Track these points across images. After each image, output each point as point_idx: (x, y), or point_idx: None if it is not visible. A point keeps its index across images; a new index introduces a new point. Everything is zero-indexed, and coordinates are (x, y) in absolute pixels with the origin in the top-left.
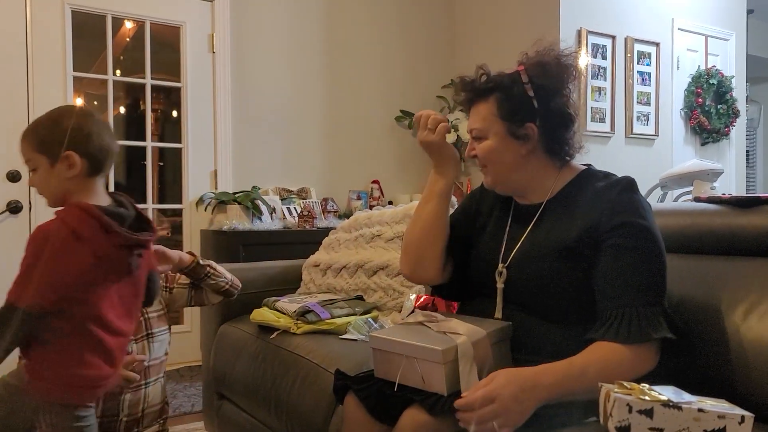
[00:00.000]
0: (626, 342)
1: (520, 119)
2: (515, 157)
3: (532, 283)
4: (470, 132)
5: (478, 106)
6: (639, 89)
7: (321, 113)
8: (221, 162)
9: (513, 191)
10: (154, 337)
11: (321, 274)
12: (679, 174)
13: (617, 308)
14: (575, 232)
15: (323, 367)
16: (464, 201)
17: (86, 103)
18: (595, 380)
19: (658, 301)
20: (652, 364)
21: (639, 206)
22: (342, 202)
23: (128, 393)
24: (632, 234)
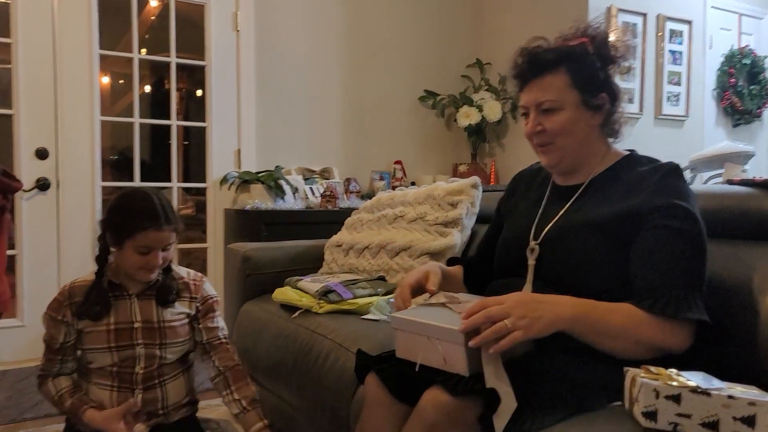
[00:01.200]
0: (659, 313)
1: (594, 89)
2: (587, 128)
3: (564, 259)
4: (538, 105)
5: (546, 78)
6: (670, 69)
7: (345, 93)
8: (245, 141)
9: (570, 168)
10: (167, 347)
11: (343, 254)
12: (709, 156)
13: (654, 288)
14: (614, 211)
15: (345, 347)
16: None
17: (112, 82)
18: (618, 327)
19: (698, 285)
20: (680, 343)
21: (683, 191)
22: (365, 182)
23: (140, 393)
24: (676, 216)
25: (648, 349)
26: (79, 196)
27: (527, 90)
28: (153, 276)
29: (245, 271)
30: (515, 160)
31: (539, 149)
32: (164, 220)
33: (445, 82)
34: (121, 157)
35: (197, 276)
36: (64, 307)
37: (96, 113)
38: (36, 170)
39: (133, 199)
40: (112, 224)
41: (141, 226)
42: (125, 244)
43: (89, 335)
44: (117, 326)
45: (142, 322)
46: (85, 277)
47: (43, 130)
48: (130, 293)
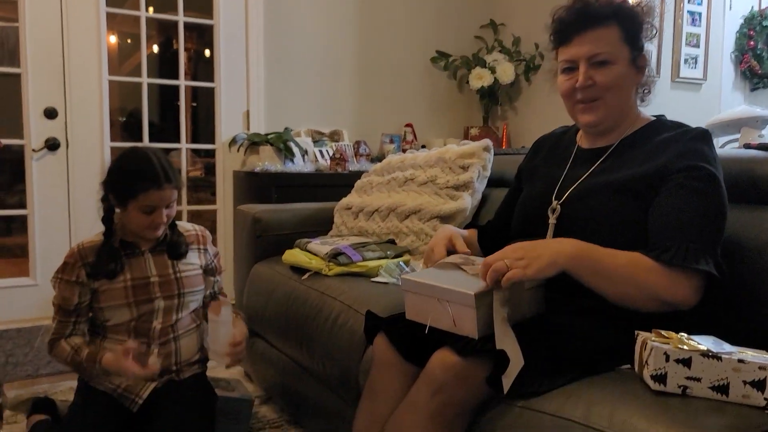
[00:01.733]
0: (668, 262)
1: (640, 47)
2: (632, 87)
3: (585, 219)
4: (590, 58)
5: (600, 30)
6: (688, 30)
7: (355, 54)
8: (254, 102)
9: (608, 128)
10: (185, 296)
11: (353, 217)
12: (726, 120)
13: (665, 240)
14: (639, 172)
15: (354, 309)
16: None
17: (120, 41)
18: (620, 270)
19: (710, 243)
20: (686, 296)
21: (709, 155)
22: (374, 145)
23: (156, 348)
24: (699, 177)
25: (652, 299)
26: (88, 156)
27: (576, 42)
28: (159, 233)
29: (255, 233)
30: (528, 124)
31: (581, 106)
32: (164, 178)
33: (457, 43)
34: (130, 118)
35: (201, 228)
36: (77, 268)
37: (104, 72)
38: (45, 130)
39: (133, 160)
40: (114, 186)
41: (142, 187)
42: (129, 206)
43: (106, 293)
44: (134, 282)
45: (158, 276)
46: (93, 239)
47: (52, 90)
48: (143, 250)
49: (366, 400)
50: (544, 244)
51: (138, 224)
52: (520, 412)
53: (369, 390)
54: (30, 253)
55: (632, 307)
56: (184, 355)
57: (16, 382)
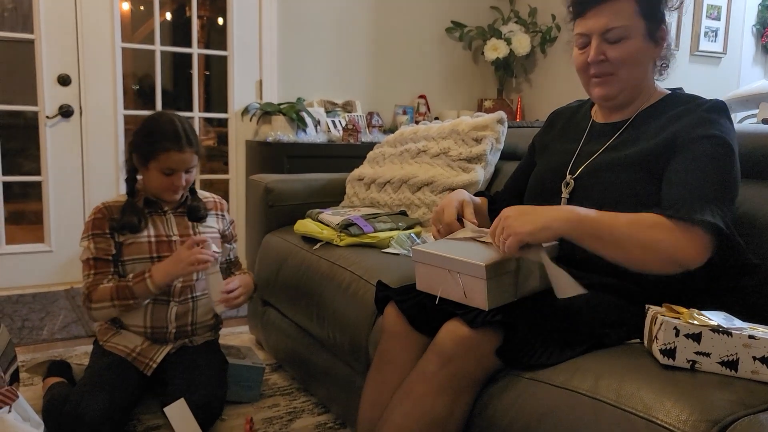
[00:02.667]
0: (671, 215)
1: (658, 20)
2: (648, 61)
3: (599, 193)
4: (603, 33)
5: (615, 4)
6: (709, 2)
7: (369, 24)
8: (266, 72)
9: (624, 102)
10: None
11: (365, 188)
12: (745, 95)
13: (675, 200)
14: (651, 145)
15: (365, 279)
16: (526, 153)
17: (132, 8)
18: (624, 229)
19: (719, 203)
20: (693, 252)
21: (723, 126)
22: (387, 116)
23: (174, 306)
24: (711, 144)
25: (659, 258)
26: (101, 123)
27: (591, 15)
28: (177, 197)
29: (268, 202)
30: (542, 97)
31: (595, 80)
32: (186, 142)
33: (473, 13)
34: (142, 85)
35: (219, 197)
36: (105, 222)
37: (117, 39)
38: (59, 97)
39: (158, 122)
40: (138, 146)
41: (163, 147)
42: (150, 165)
43: (131, 246)
44: (157, 238)
45: (179, 235)
46: (117, 198)
47: (65, 57)
48: (165, 209)
49: (375, 369)
50: (541, 209)
51: (158, 185)
52: (528, 384)
53: (379, 360)
54: (44, 219)
55: (642, 269)
56: (200, 317)
57: (32, 345)
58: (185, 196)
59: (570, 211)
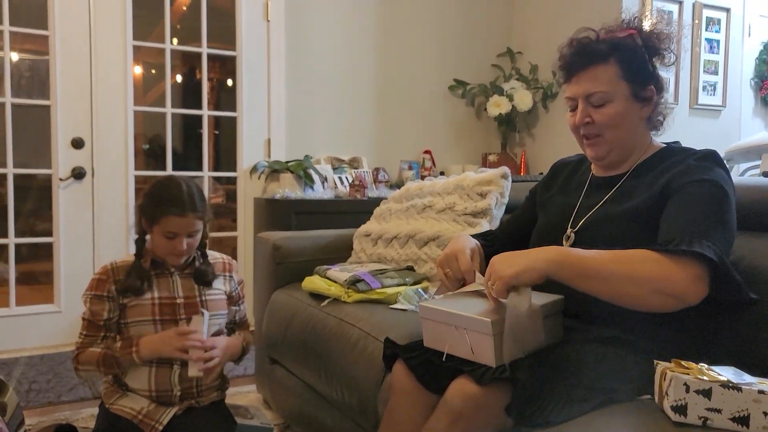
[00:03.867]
0: (660, 249)
1: (643, 80)
2: (636, 120)
3: (599, 245)
4: (587, 97)
5: (596, 69)
6: (706, 57)
7: (374, 82)
8: (275, 130)
9: (616, 160)
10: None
11: (372, 243)
12: (747, 147)
13: (667, 236)
14: (646, 197)
15: (373, 336)
16: (526, 199)
17: (144, 72)
18: (610, 266)
19: (712, 236)
20: (685, 283)
21: (716, 173)
22: (393, 171)
23: (178, 369)
24: (703, 187)
25: (651, 290)
26: (113, 184)
27: (575, 81)
28: (180, 261)
29: (275, 260)
30: (546, 150)
31: (586, 141)
32: (189, 207)
33: (475, 71)
34: (152, 144)
35: (229, 257)
36: (108, 284)
37: (129, 103)
38: (72, 159)
39: (164, 186)
40: (144, 209)
41: (165, 211)
42: (154, 228)
43: (134, 308)
44: (161, 300)
45: (184, 297)
46: (125, 258)
47: (79, 120)
48: (172, 271)
49: (385, 428)
50: (527, 251)
51: (160, 248)
52: None
53: (388, 418)
54: (55, 280)
55: (635, 306)
56: (205, 379)
57: (39, 408)
58: (193, 257)
59: (555, 251)
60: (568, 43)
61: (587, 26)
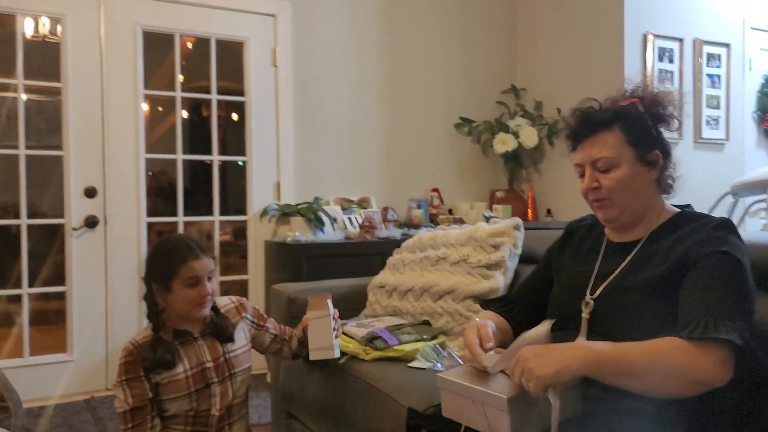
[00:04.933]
0: (686, 337)
1: (648, 145)
2: (644, 183)
3: (620, 315)
4: (593, 163)
5: (600, 136)
6: (708, 92)
7: (381, 122)
8: (284, 173)
9: (628, 223)
10: (236, 376)
11: (386, 295)
12: (751, 181)
13: (690, 319)
14: (664, 268)
15: (394, 398)
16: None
17: (150, 107)
18: (642, 361)
19: (734, 318)
20: (714, 369)
21: (731, 241)
22: (402, 210)
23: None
24: (720, 260)
25: (682, 382)
26: (125, 231)
27: (581, 148)
28: (207, 309)
29: (291, 313)
30: (553, 186)
31: (596, 204)
32: (200, 248)
33: (480, 108)
34: (160, 181)
35: (236, 298)
36: (138, 364)
37: (141, 151)
38: (85, 208)
39: (167, 242)
40: (155, 272)
41: (182, 259)
42: (173, 284)
43: (168, 386)
44: (193, 371)
45: (212, 360)
46: (143, 334)
47: (92, 170)
48: (195, 336)
49: None
50: (557, 348)
51: (185, 302)
52: None
53: None
54: (68, 328)
55: (667, 395)
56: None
57: None
58: (210, 317)
59: (586, 350)
60: (572, 113)
61: (591, 96)
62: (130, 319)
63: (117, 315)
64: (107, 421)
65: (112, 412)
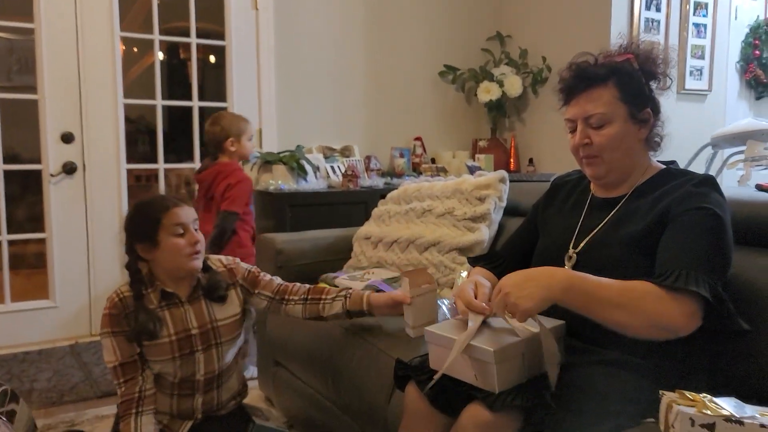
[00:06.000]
0: (660, 284)
1: (641, 103)
2: (634, 142)
3: (601, 268)
4: (586, 119)
5: (595, 91)
6: (693, 42)
7: (364, 69)
8: (266, 121)
9: (615, 180)
10: (222, 345)
11: (372, 246)
12: (732, 133)
13: (665, 268)
14: (645, 224)
15: (382, 350)
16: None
17: (125, 48)
18: (616, 295)
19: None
20: (681, 319)
21: (712, 197)
22: (385, 159)
23: (200, 397)
24: (701, 215)
25: (648, 324)
26: (105, 178)
27: (574, 103)
28: (198, 262)
29: (277, 263)
30: (536, 135)
31: (585, 161)
32: (178, 199)
33: (465, 56)
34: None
35: (230, 260)
36: (122, 319)
37: (119, 96)
38: (62, 154)
39: (142, 200)
40: (137, 231)
41: (164, 207)
42: (160, 236)
43: (151, 349)
44: (178, 336)
45: (198, 327)
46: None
47: (68, 115)
48: (183, 300)
49: None
50: (536, 275)
51: (176, 253)
52: None
53: None
54: (49, 275)
55: (633, 334)
56: (225, 396)
57: (43, 409)
58: (197, 279)
59: (564, 275)
60: (567, 67)
61: (586, 51)
62: (113, 266)
63: (99, 262)
64: (92, 366)
65: (97, 357)
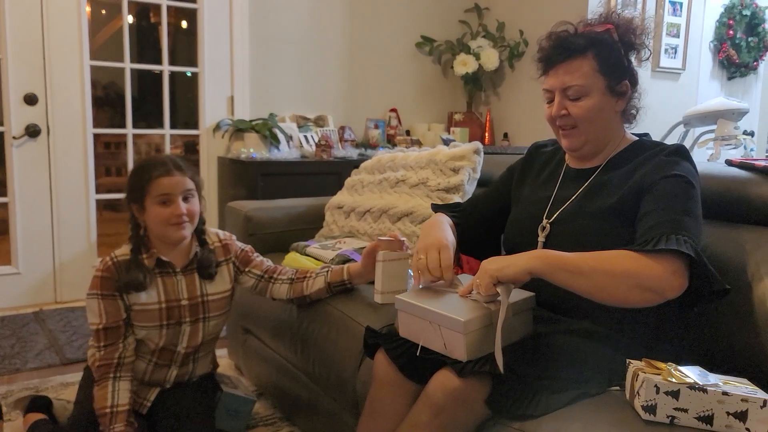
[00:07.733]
0: (638, 250)
1: (619, 75)
2: (610, 114)
3: (574, 239)
4: (564, 90)
5: (574, 62)
6: (669, 20)
7: (340, 38)
8: (238, 87)
9: (590, 152)
10: (209, 320)
11: (344, 216)
12: (703, 112)
13: (643, 236)
14: (619, 196)
15: (352, 317)
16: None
17: (92, 10)
18: (597, 262)
19: (685, 233)
20: (661, 277)
21: (684, 167)
22: (359, 130)
23: (175, 369)
24: (672, 183)
25: (631, 285)
26: (70, 142)
27: (553, 74)
28: (185, 231)
29: (247, 231)
30: (511, 109)
31: (561, 132)
32: (173, 166)
33: (442, 27)
34: (108, 93)
35: (226, 235)
36: (113, 282)
37: (85, 58)
38: (25, 116)
39: (144, 161)
40: (131, 190)
41: (150, 175)
42: (146, 203)
43: (140, 313)
44: (168, 304)
45: (188, 299)
46: (124, 252)
47: (32, 75)
48: (177, 270)
49: (367, 417)
50: (513, 257)
51: (160, 221)
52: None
53: (370, 407)
54: (11, 241)
55: (617, 302)
56: (199, 370)
57: (6, 376)
58: (195, 252)
59: (538, 251)
60: (546, 36)
61: (566, 20)
62: (78, 232)
63: (64, 228)
64: (57, 333)
65: (63, 324)
